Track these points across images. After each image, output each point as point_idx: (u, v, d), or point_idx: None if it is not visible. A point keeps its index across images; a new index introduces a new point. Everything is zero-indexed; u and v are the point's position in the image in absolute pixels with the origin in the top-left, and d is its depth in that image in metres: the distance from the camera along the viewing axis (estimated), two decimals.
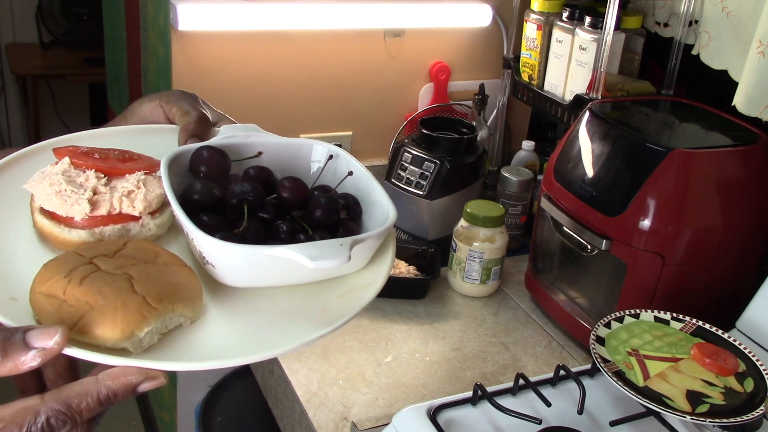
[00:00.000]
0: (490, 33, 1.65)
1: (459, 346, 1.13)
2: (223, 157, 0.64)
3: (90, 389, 0.49)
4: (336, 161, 0.69)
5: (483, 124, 1.54)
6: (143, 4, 1.62)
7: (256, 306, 0.59)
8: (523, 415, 0.80)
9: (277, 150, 0.68)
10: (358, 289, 0.61)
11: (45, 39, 3.51)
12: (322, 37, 1.49)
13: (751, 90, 1.10)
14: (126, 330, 0.51)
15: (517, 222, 1.39)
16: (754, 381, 0.80)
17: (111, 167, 0.63)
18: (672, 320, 0.89)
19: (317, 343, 1.10)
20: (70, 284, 0.52)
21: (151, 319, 0.52)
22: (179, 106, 0.72)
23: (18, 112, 3.66)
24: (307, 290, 0.61)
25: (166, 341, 0.54)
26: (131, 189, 0.62)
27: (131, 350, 0.51)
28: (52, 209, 0.59)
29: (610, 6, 1.19)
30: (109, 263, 0.54)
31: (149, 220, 0.62)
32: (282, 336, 0.55)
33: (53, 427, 0.48)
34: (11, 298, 0.53)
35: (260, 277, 0.59)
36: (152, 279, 0.54)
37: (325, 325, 0.56)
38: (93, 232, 0.60)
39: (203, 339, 0.55)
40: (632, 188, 0.98)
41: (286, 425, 1.08)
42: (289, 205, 0.63)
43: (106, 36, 2.25)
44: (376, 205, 0.65)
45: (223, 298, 0.59)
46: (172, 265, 0.57)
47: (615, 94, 1.31)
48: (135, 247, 0.57)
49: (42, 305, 0.52)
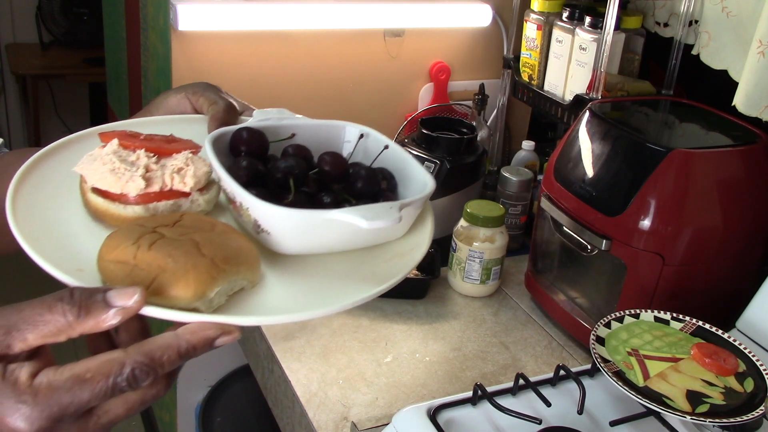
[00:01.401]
0: (490, 33, 1.65)
1: (459, 346, 1.13)
2: (261, 137, 0.68)
3: (171, 343, 0.51)
4: (367, 140, 0.73)
5: (483, 124, 1.54)
6: (143, 4, 1.62)
7: (310, 271, 0.62)
8: (523, 415, 0.80)
9: (310, 131, 0.72)
10: (402, 254, 0.64)
11: (45, 39, 3.51)
12: (322, 37, 1.50)
13: (751, 90, 1.10)
14: (198, 290, 0.53)
15: (517, 222, 1.39)
16: (754, 381, 0.80)
17: (158, 147, 0.66)
18: (672, 320, 0.89)
19: (317, 342, 1.10)
20: (140, 250, 0.54)
21: (219, 280, 0.54)
22: (206, 96, 0.75)
23: (18, 112, 3.66)
24: (354, 257, 0.64)
25: (231, 303, 0.56)
26: (181, 166, 0.64)
27: (202, 310, 0.54)
28: (106, 188, 0.62)
29: (610, 6, 1.19)
30: (173, 231, 0.57)
31: (198, 196, 0.65)
32: (340, 295, 0.58)
33: (137, 378, 0.50)
34: (77, 269, 0.55)
35: (313, 243, 0.62)
36: (216, 244, 0.56)
37: (379, 283, 0.59)
38: (147, 208, 0.62)
39: (265, 300, 0.58)
40: (632, 188, 0.98)
41: (286, 425, 1.08)
42: (330, 179, 0.67)
43: (106, 36, 2.25)
44: (411, 178, 0.69)
45: (277, 265, 0.62)
46: (230, 232, 0.60)
47: (615, 94, 1.31)
48: (192, 219, 0.60)
49: (113, 272, 0.54)
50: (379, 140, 0.72)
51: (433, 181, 0.66)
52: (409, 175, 0.69)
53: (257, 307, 0.57)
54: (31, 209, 0.61)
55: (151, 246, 0.54)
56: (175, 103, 0.77)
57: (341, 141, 0.74)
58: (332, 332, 1.13)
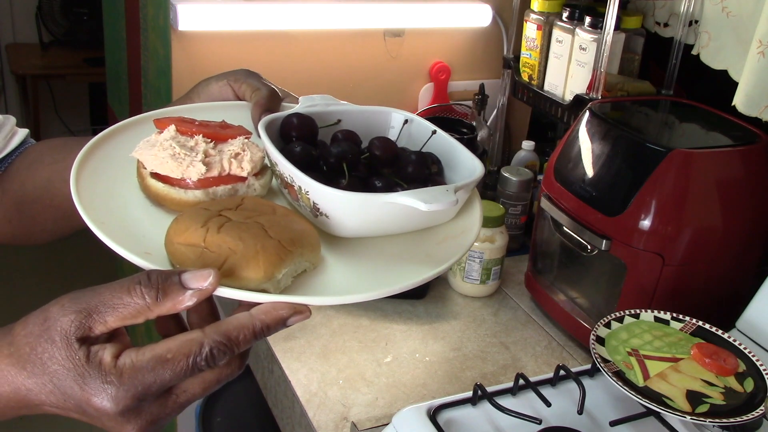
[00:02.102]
0: (490, 33, 1.65)
1: (459, 346, 1.13)
2: (311, 123, 0.70)
3: (246, 323, 0.53)
4: (411, 126, 0.74)
5: (483, 124, 1.54)
6: (143, 4, 1.62)
7: (367, 253, 0.64)
8: (523, 415, 0.80)
9: (355, 117, 0.74)
10: (454, 236, 0.66)
11: (45, 39, 3.51)
12: (322, 37, 1.49)
13: (751, 90, 1.10)
14: (268, 271, 0.55)
15: (517, 222, 1.39)
16: (754, 381, 0.80)
17: (214, 132, 0.68)
18: (672, 320, 0.89)
19: (317, 342, 1.10)
20: (209, 233, 0.56)
21: (287, 261, 0.56)
22: (248, 83, 0.77)
23: (18, 112, 3.66)
24: (407, 239, 0.66)
25: (296, 284, 0.58)
26: (238, 151, 0.66)
27: (271, 290, 0.55)
28: (166, 173, 0.63)
29: (610, 6, 1.19)
30: (238, 214, 0.58)
31: (254, 181, 0.67)
32: (400, 275, 0.60)
33: (215, 357, 0.51)
34: (145, 252, 0.57)
35: (370, 226, 0.64)
36: (281, 226, 0.58)
37: (436, 265, 0.60)
38: (207, 192, 0.64)
39: (328, 281, 0.60)
40: (632, 188, 0.98)
41: (286, 425, 1.08)
42: (380, 163, 0.68)
43: (106, 36, 2.25)
44: (458, 163, 0.71)
45: (334, 247, 0.64)
46: (291, 215, 0.61)
47: (615, 94, 1.31)
48: (253, 202, 0.61)
49: (183, 254, 0.56)
50: (423, 126, 0.73)
51: (482, 166, 0.68)
52: (456, 160, 0.71)
53: (323, 287, 0.59)
54: (93, 194, 0.62)
55: (220, 229, 0.56)
56: (217, 90, 0.78)
57: (386, 126, 0.75)
58: (332, 332, 1.13)
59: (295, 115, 0.70)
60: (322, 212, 0.62)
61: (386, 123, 0.75)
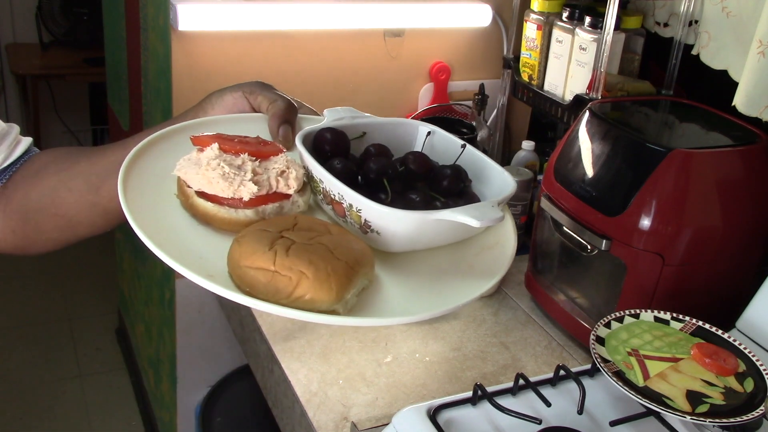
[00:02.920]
0: (490, 33, 1.65)
1: (459, 346, 1.13)
2: (344, 137, 0.72)
3: None
4: (433, 138, 0.76)
5: (483, 124, 1.54)
6: (143, 4, 1.62)
7: (414, 268, 0.65)
8: (523, 415, 0.80)
9: (379, 129, 0.75)
10: (490, 247, 0.68)
11: (45, 39, 3.51)
12: (322, 37, 1.49)
13: (751, 90, 1.10)
14: (339, 293, 0.56)
15: (517, 222, 1.39)
16: (754, 381, 0.80)
17: (257, 150, 0.68)
18: (672, 320, 0.89)
19: (317, 343, 1.10)
20: (278, 256, 0.56)
21: (354, 281, 0.57)
22: (264, 95, 0.77)
23: (18, 112, 3.66)
24: (446, 252, 0.67)
25: (359, 302, 0.59)
26: (283, 169, 0.66)
27: (340, 311, 0.56)
28: (215, 192, 0.63)
29: (610, 6, 1.19)
30: (299, 236, 0.59)
31: (298, 198, 0.67)
32: (454, 291, 0.61)
33: None
34: (209, 275, 0.57)
35: (418, 242, 0.66)
36: (343, 247, 0.59)
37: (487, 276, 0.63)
38: (257, 211, 0.64)
39: (387, 298, 0.61)
40: (632, 188, 0.98)
41: (286, 425, 1.08)
42: (416, 177, 0.69)
43: (106, 36, 2.25)
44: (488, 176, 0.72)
45: (382, 263, 0.64)
46: (346, 234, 0.62)
47: (615, 94, 1.31)
48: (307, 222, 0.62)
49: (254, 278, 0.56)
50: (447, 138, 0.75)
51: (513, 179, 0.69)
52: (483, 173, 0.72)
53: (384, 304, 0.60)
54: (143, 215, 0.62)
55: (288, 251, 0.57)
56: (231, 102, 0.79)
57: (408, 138, 0.77)
58: (332, 332, 1.13)
59: (328, 130, 0.71)
60: (374, 229, 0.63)
61: (409, 135, 0.77)
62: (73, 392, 2.47)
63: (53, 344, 2.69)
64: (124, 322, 2.57)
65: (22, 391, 2.46)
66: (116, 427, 2.36)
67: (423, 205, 0.65)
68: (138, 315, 2.22)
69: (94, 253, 3.05)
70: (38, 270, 3.06)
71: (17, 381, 2.50)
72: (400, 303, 0.60)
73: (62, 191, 0.80)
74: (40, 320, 2.79)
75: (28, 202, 0.82)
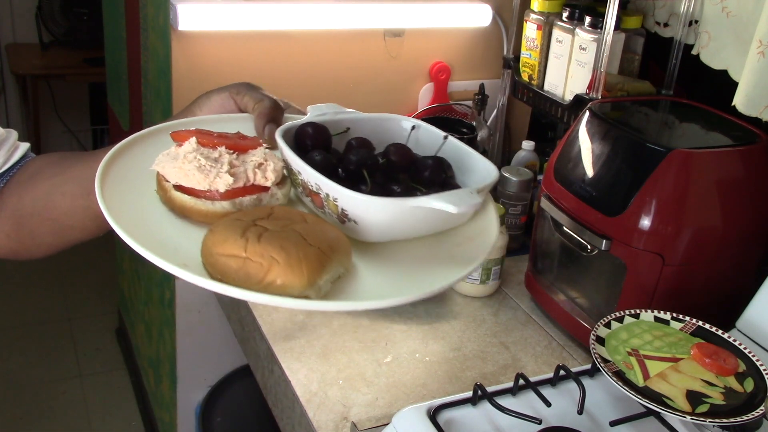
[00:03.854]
0: (490, 33, 1.65)
1: (459, 346, 1.13)
2: (325, 132, 0.72)
3: None
4: (418, 132, 0.76)
5: (483, 124, 1.54)
6: (143, 4, 1.62)
7: (393, 257, 0.65)
8: (523, 415, 0.80)
9: (363, 124, 0.76)
10: (471, 238, 0.67)
11: (45, 39, 3.50)
12: (322, 37, 1.49)
13: (751, 90, 1.10)
14: (311, 278, 0.56)
15: (517, 222, 1.39)
16: (754, 381, 0.80)
17: (235, 143, 0.68)
18: (672, 320, 0.89)
19: (317, 343, 1.10)
20: (249, 243, 0.56)
21: (327, 268, 0.57)
22: (250, 95, 0.78)
23: (18, 112, 3.66)
24: (427, 243, 0.67)
25: (334, 289, 0.59)
26: (261, 161, 0.67)
27: (313, 296, 0.56)
28: (192, 185, 0.64)
29: (610, 6, 1.19)
30: (272, 224, 0.59)
31: (277, 190, 0.67)
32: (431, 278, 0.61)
33: None
34: (183, 264, 0.57)
35: (396, 230, 0.65)
36: (317, 234, 0.59)
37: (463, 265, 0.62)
38: (234, 203, 0.64)
39: (363, 286, 0.61)
40: (632, 188, 0.98)
41: (286, 425, 1.08)
42: (397, 169, 0.69)
43: (106, 36, 2.25)
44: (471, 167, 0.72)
45: (362, 252, 0.64)
46: (322, 223, 0.62)
47: (615, 94, 1.31)
48: (282, 212, 0.62)
49: (225, 265, 0.56)
50: (431, 132, 0.75)
51: (496, 168, 0.69)
52: (467, 164, 0.72)
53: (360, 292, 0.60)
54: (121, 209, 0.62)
55: (260, 238, 0.57)
56: (218, 103, 0.79)
57: (392, 132, 0.76)
58: (332, 332, 1.13)
59: (309, 124, 0.72)
60: (351, 218, 0.63)
61: (393, 130, 0.77)
62: (73, 392, 2.47)
63: (53, 344, 2.69)
64: (124, 322, 2.57)
65: (22, 391, 2.46)
66: (116, 427, 2.36)
67: (403, 195, 0.65)
68: (138, 315, 2.22)
69: (94, 253, 3.05)
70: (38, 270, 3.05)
71: (17, 381, 2.50)
72: (376, 290, 0.60)
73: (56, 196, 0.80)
74: (40, 320, 2.79)
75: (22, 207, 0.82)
